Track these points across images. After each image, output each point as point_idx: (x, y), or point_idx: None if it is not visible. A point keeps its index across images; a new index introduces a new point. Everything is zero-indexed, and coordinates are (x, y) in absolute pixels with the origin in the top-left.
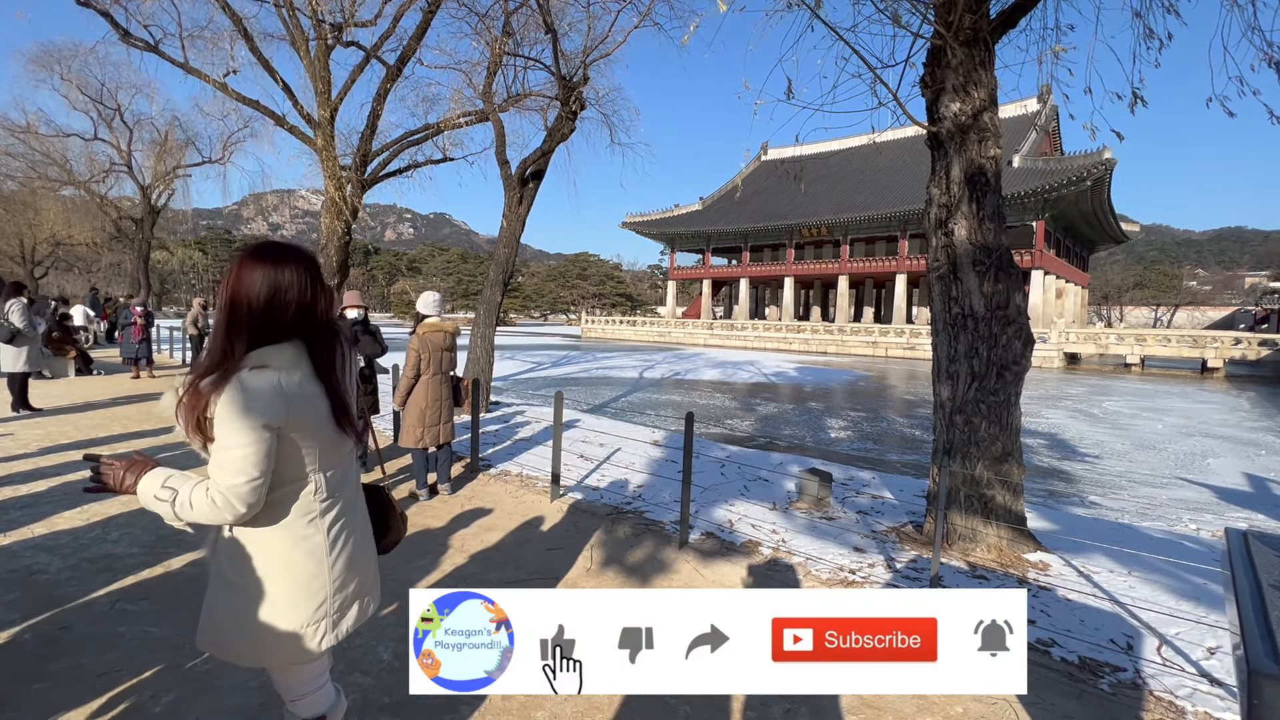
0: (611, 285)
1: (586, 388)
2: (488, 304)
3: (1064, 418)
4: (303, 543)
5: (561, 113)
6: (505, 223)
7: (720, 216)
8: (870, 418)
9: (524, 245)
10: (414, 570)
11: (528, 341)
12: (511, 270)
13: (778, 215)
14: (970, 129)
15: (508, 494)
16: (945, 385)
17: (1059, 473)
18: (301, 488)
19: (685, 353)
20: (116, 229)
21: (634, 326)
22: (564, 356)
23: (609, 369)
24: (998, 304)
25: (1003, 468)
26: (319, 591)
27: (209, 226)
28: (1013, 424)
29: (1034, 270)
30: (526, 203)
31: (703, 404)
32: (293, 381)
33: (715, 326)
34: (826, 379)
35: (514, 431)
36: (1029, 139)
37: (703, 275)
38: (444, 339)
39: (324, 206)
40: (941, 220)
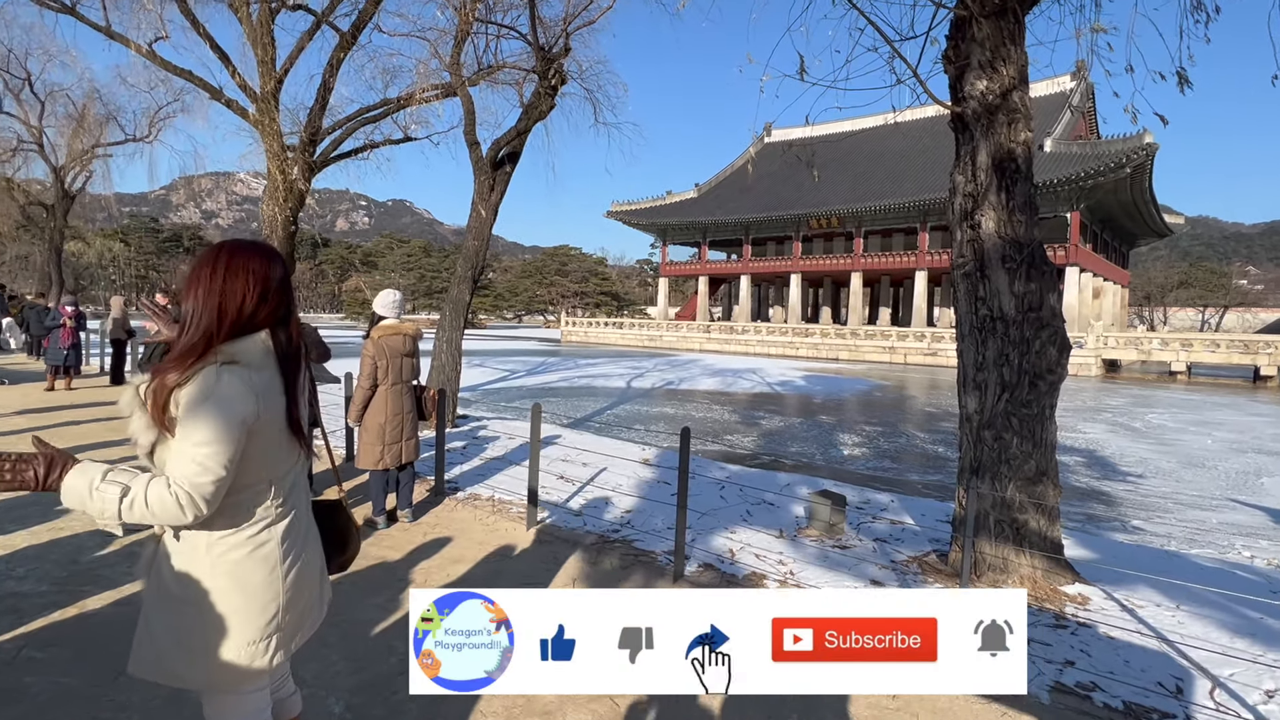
0: (595, 282)
1: (567, 399)
2: (454, 303)
3: (1103, 432)
4: (257, 550)
5: (539, 88)
6: (475, 211)
7: (718, 205)
8: (888, 433)
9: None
10: (369, 609)
11: (500, 346)
12: (482, 265)
13: (783, 204)
14: (998, 110)
15: (477, 520)
16: (972, 396)
17: (1098, 494)
18: (259, 492)
19: (679, 359)
20: (24, 216)
21: (621, 329)
22: (541, 363)
23: (593, 377)
24: (1030, 305)
25: (1036, 489)
26: (271, 603)
27: (132, 214)
28: (1047, 440)
29: (1069, 267)
30: (499, 189)
31: (699, 417)
32: (262, 379)
33: (712, 329)
34: (838, 389)
35: (484, 449)
36: (1062, 120)
37: (698, 271)
38: (404, 343)
39: (266, 192)
40: (967, 211)
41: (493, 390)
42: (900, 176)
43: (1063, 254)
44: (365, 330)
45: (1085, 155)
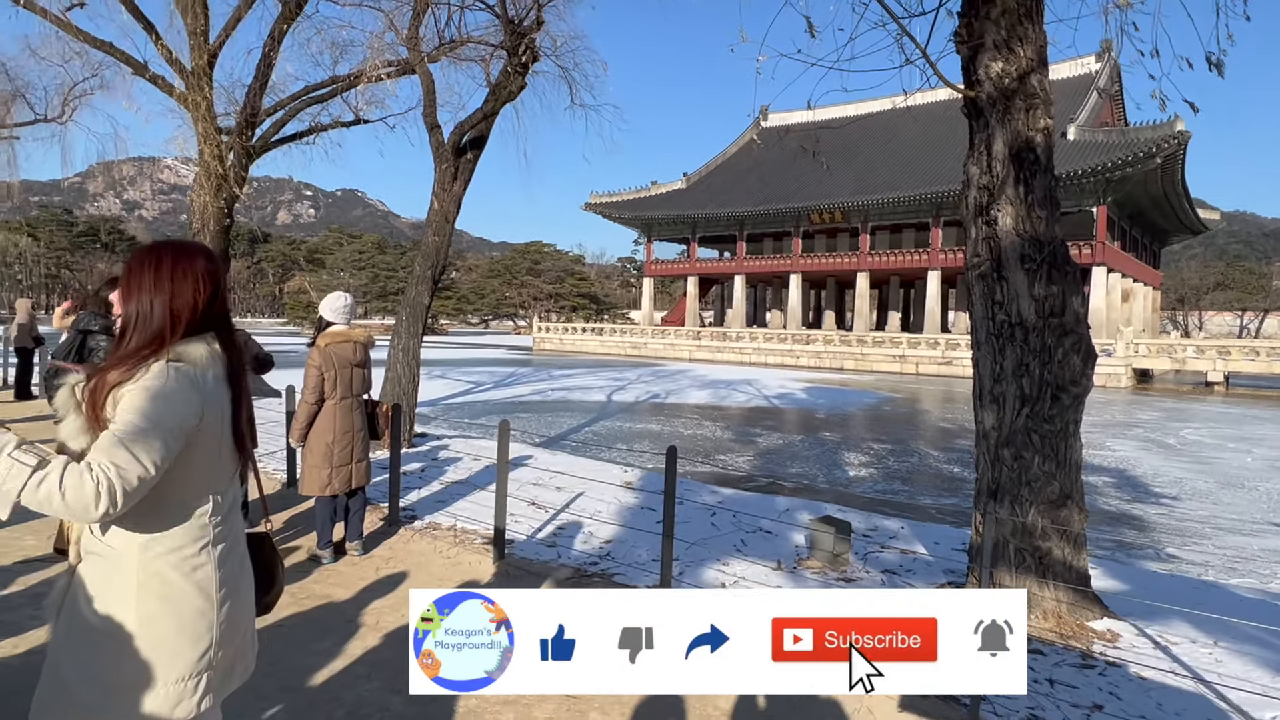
0: (572, 283)
1: (539, 414)
2: (412, 307)
3: (1134, 449)
4: (193, 572)
5: (509, 65)
6: (435, 203)
7: (709, 197)
8: (898, 451)
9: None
10: (312, 655)
11: (464, 355)
12: (443, 264)
13: (781, 196)
14: (1015, 94)
15: (437, 553)
16: (989, 411)
17: (1129, 518)
18: (197, 507)
19: (666, 369)
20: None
21: (600, 336)
22: (510, 374)
23: (568, 390)
24: (1051, 309)
25: (1061, 513)
26: (205, 635)
27: (42, 204)
28: (1072, 459)
29: (1094, 267)
30: (463, 178)
31: (688, 435)
32: (208, 382)
33: (703, 336)
34: (843, 402)
35: (445, 472)
36: (1087, 105)
37: (687, 271)
38: (354, 352)
39: (197, 180)
40: (982, 206)
41: (455, 405)
42: (911, 166)
43: (1088, 252)
44: (310, 337)
45: (1112, 144)
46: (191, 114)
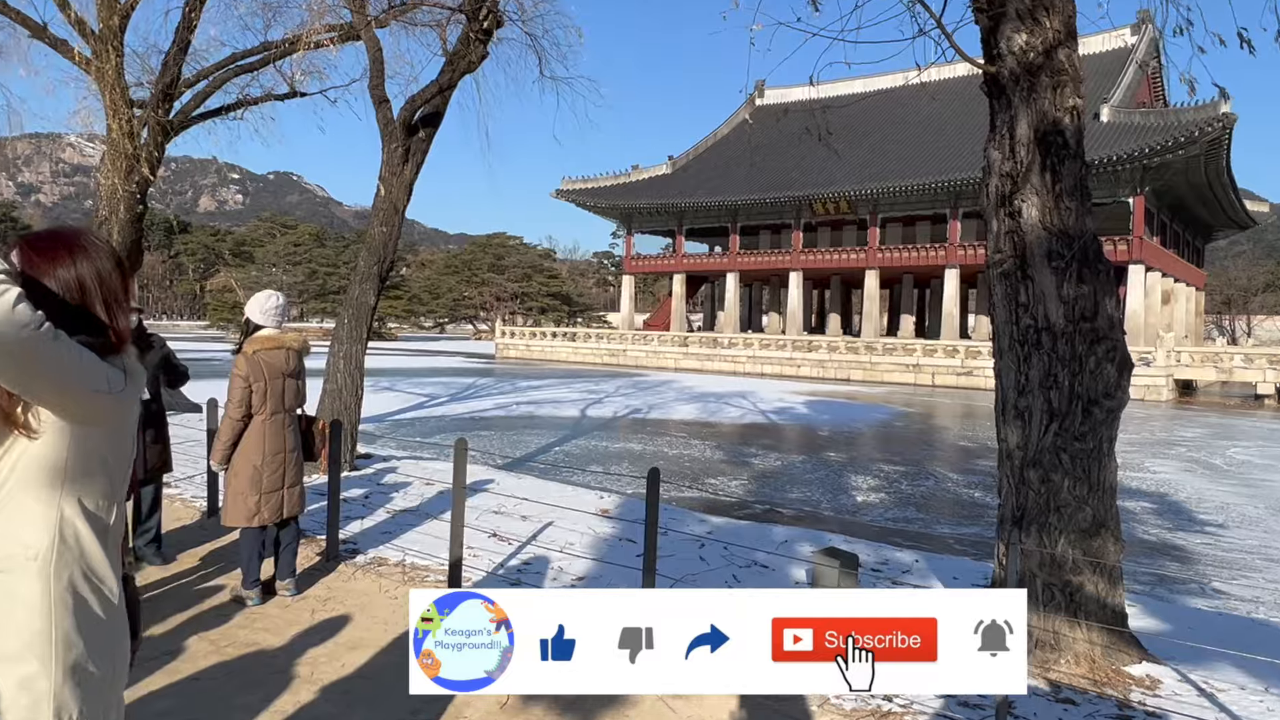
0: (540, 281)
1: (503, 432)
2: (356, 307)
3: (1176, 471)
4: (66, 595)
5: (468, 31)
6: (383, 188)
7: (698, 183)
8: (912, 474)
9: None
10: (235, 712)
11: (415, 363)
12: (392, 258)
13: (779, 183)
14: (1041, 70)
15: (383, 593)
16: (1013, 427)
17: (1170, 549)
18: (83, 512)
19: (648, 379)
20: None
21: (573, 342)
22: (470, 386)
23: (536, 404)
24: (1082, 313)
25: (1094, 543)
26: (55, 666)
27: None
28: (1105, 481)
29: (1131, 265)
30: (415, 159)
31: (673, 455)
32: (118, 375)
33: (691, 342)
34: (850, 418)
35: (392, 498)
36: (1122, 83)
37: (673, 267)
38: (287, 360)
39: (105, 159)
40: (1004, 195)
41: (405, 421)
42: (926, 150)
43: (1123, 248)
44: (236, 343)
45: (1150, 126)
46: (98, 83)
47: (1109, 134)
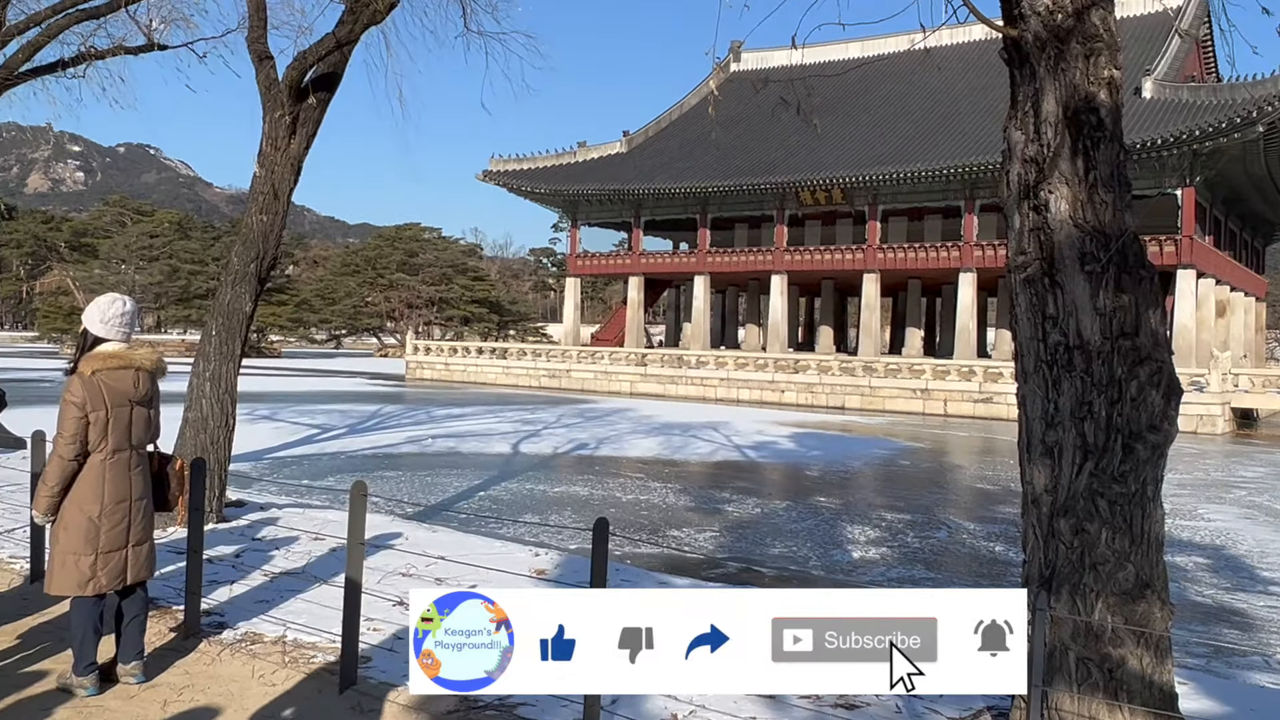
0: (463, 284)
1: (414, 473)
2: (227, 316)
3: (1234, 518)
4: None
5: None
6: (263, 166)
7: (659, 165)
8: (919, 523)
9: (301, 209)
10: None
11: (304, 386)
12: (274, 254)
13: (759, 167)
14: (1071, 35)
15: (256, 678)
16: (1040, 467)
17: (1229, 613)
18: None
19: (597, 407)
20: None
21: (505, 360)
22: (373, 415)
23: (458, 438)
24: (1121, 328)
25: (1137, 608)
26: None
27: None
28: (1150, 533)
29: (1179, 270)
30: (305, 131)
31: (627, 501)
32: None
33: (651, 360)
34: (844, 454)
35: (270, 557)
36: (1167, 53)
37: (628, 268)
38: (136, 384)
39: None
40: (1028, 185)
41: (290, 459)
42: (937, 129)
43: (1170, 250)
44: (70, 360)
45: (1201, 104)
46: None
47: (1152, 113)
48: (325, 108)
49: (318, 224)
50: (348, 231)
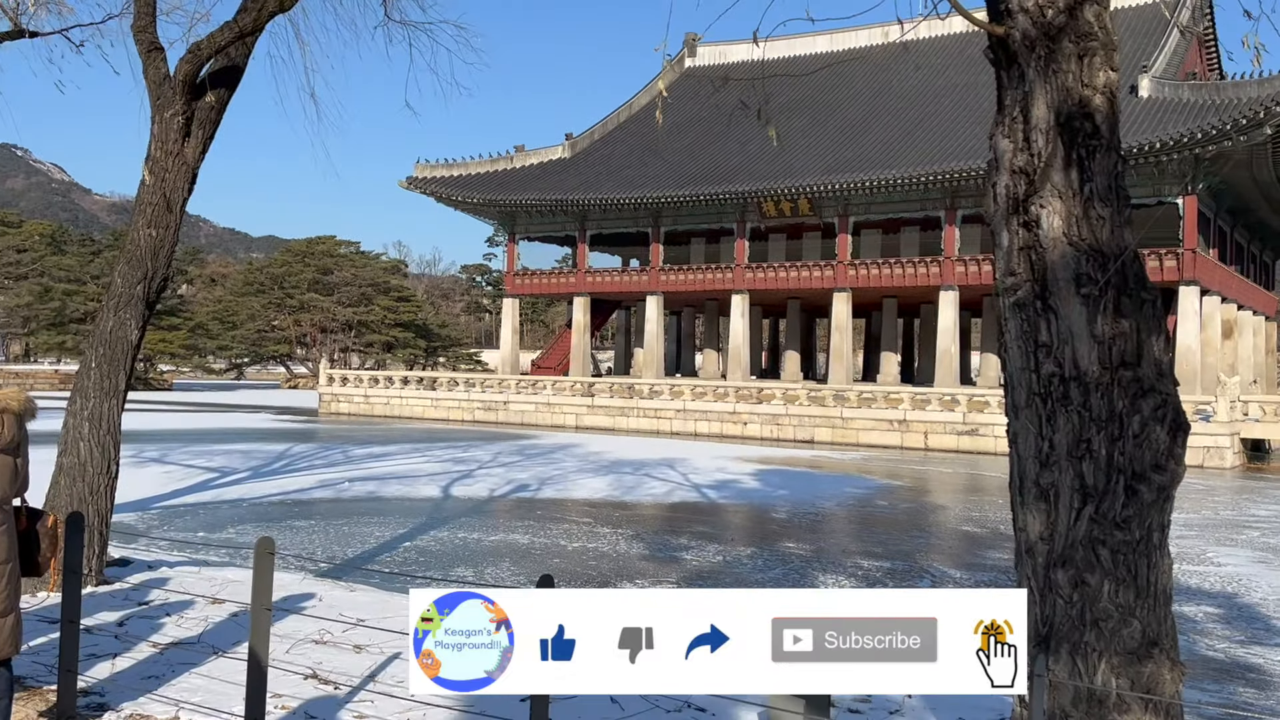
0: (386, 305)
1: (329, 522)
2: (109, 344)
3: (1247, 561)
4: None
5: None
6: (152, 174)
7: (607, 173)
8: (899, 571)
9: (196, 220)
10: None
11: (201, 423)
12: (165, 273)
13: (717, 174)
14: (1063, 32)
15: None
16: (1035, 511)
17: (1244, 669)
18: None
19: (539, 443)
20: None
21: (434, 391)
22: (281, 455)
23: (380, 480)
24: (1122, 357)
25: (1144, 669)
26: None
27: None
28: (1157, 584)
29: (1182, 286)
30: (202, 133)
31: (573, 550)
32: None
33: (599, 390)
34: (814, 494)
35: (161, 625)
36: (1165, 48)
37: (573, 287)
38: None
39: None
40: (1017, 199)
41: (184, 509)
42: (913, 132)
43: (1172, 264)
44: None
45: (1202, 104)
46: None
47: (1150, 113)
48: (224, 107)
49: (216, 237)
50: (251, 245)
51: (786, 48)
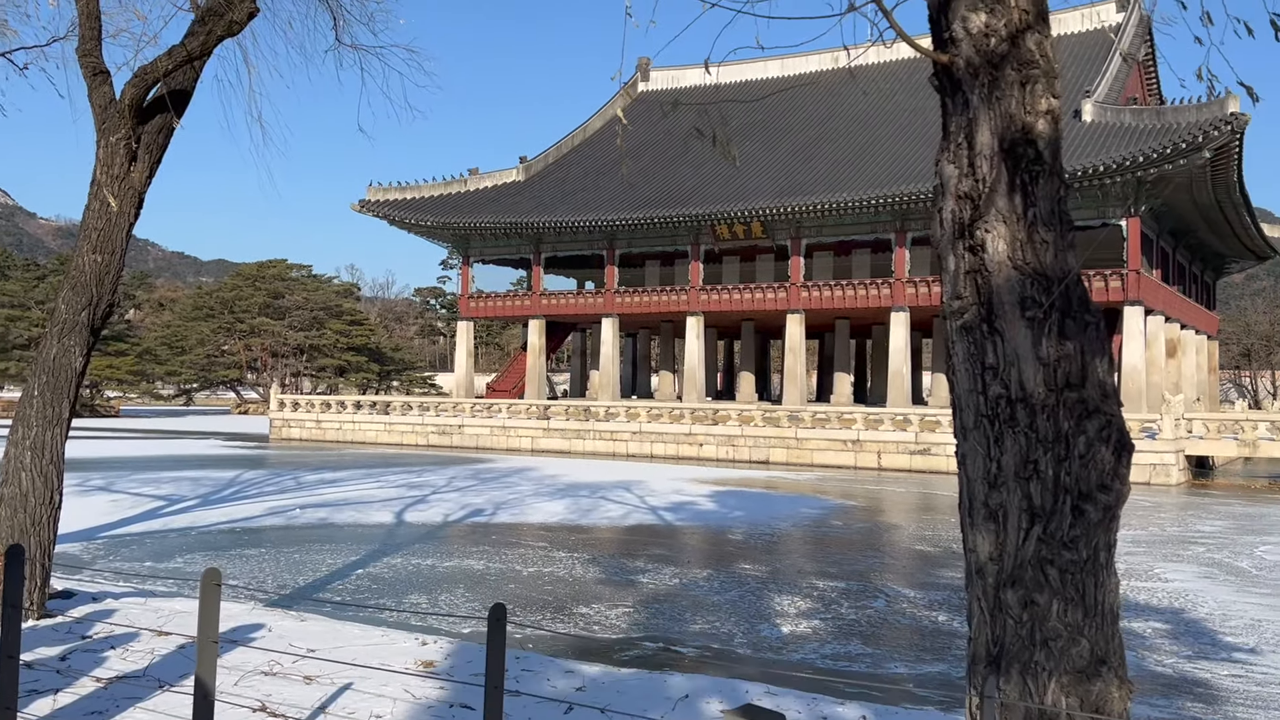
0: (338, 329)
1: (279, 550)
2: (53, 372)
3: (1193, 577)
4: None
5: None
6: (97, 199)
7: (561, 196)
8: (855, 591)
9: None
10: None
11: (148, 450)
12: (111, 299)
13: (671, 197)
14: (1005, 60)
15: None
16: (984, 532)
17: (1191, 684)
18: None
19: (494, 467)
20: None
21: (387, 415)
22: (231, 483)
23: (332, 507)
24: (1067, 380)
25: (1093, 687)
26: None
27: None
28: (1105, 603)
29: (1126, 306)
30: (149, 158)
31: (529, 575)
32: None
33: (554, 413)
34: (770, 515)
35: (105, 659)
36: (1107, 73)
37: (528, 310)
38: None
39: None
40: (962, 224)
41: (130, 538)
42: (863, 155)
43: (1116, 285)
44: None
45: (1144, 129)
46: None
47: (1093, 137)
48: (171, 131)
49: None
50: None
51: (739, 72)
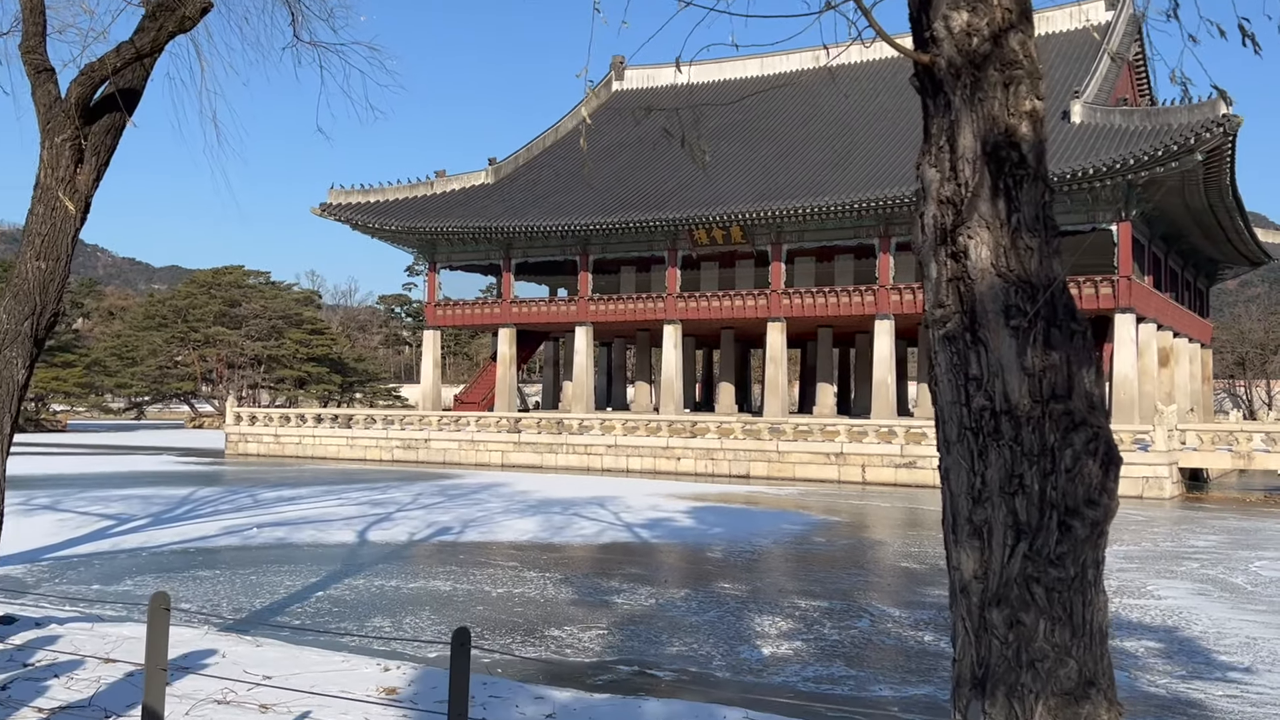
0: (298, 338)
1: (235, 572)
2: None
3: (1186, 594)
4: None
5: None
6: (42, 203)
7: (532, 200)
8: (838, 611)
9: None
10: None
11: (97, 467)
12: (56, 308)
13: (647, 201)
14: (988, 61)
15: None
16: (968, 549)
17: (1184, 705)
18: None
19: (463, 483)
20: None
21: (349, 429)
22: (184, 500)
23: (291, 526)
24: (1053, 391)
25: (1081, 710)
26: None
27: None
28: (1093, 622)
29: (1118, 313)
30: (96, 159)
31: (498, 596)
32: None
33: (526, 426)
34: (751, 531)
35: (48, 688)
36: (1096, 74)
37: (497, 318)
38: None
39: None
40: (945, 230)
41: (77, 559)
42: (845, 158)
43: (1107, 291)
44: None
45: (1134, 130)
46: None
47: (1082, 139)
48: (120, 132)
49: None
50: (153, 276)
51: (717, 71)
